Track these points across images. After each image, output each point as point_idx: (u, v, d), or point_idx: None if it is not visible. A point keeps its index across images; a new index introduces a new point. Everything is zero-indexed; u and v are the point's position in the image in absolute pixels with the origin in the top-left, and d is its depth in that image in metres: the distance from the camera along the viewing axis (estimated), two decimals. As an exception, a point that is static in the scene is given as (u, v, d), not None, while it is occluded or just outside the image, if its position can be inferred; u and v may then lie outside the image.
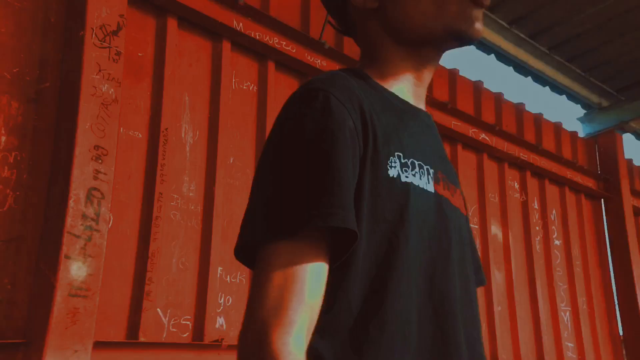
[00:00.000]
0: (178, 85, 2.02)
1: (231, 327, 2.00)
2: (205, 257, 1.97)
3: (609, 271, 3.85)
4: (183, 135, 2.01)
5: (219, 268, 2.00)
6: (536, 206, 3.41)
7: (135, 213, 1.83)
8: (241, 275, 2.07)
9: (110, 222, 1.73)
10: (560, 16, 3.22)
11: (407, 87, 0.73)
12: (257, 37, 2.17)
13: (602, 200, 3.99)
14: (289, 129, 0.59)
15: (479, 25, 0.69)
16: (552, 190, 3.57)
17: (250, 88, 2.23)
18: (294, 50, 2.29)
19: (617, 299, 3.79)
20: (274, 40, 2.22)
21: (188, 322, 1.86)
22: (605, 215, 3.99)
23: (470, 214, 0.74)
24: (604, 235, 3.92)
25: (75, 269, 1.51)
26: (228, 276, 2.04)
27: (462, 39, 0.69)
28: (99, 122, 1.67)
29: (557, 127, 3.81)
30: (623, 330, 3.74)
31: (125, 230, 1.79)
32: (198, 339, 1.88)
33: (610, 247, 3.90)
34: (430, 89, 2.91)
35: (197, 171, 2.02)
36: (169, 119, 1.96)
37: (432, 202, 0.65)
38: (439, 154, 0.73)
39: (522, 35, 3.39)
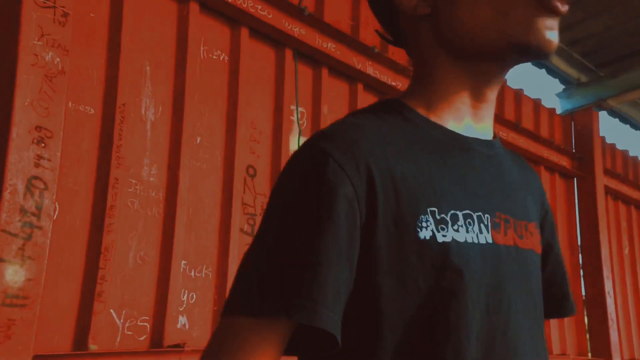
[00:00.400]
0: (138, 53, 1.76)
1: (194, 326, 1.84)
2: (167, 250, 1.77)
3: (578, 252, 3.86)
4: (143, 112, 1.77)
5: (183, 262, 1.81)
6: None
7: (86, 202, 1.60)
8: (207, 269, 1.89)
9: (56, 214, 1.51)
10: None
11: (463, 111, 0.62)
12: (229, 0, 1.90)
13: (575, 179, 3.97)
14: (276, 193, 0.55)
15: (553, 37, 0.56)
16: (528, 171, 3.48)
17: (221, 57, 1.98)
18: (271, 16, 2.04)
19: (584, 280, 3.82)
20: (248, 3, 1.96)
21: (146, 324, 1.68)
22: (577, 194, 3.97)
23: (557, 240, 0.65)
24: (575, 216, 3.91)
25: (11, 274, 1.30)
26: (192, 270, 1.85)
27: (531, 53, 0.57)
28: (42, 98, 1.42)
29: (537, 105, 3.71)
30: (587, 310, 3.79)
31: (74, 222, 1.57)
32: (157, 342, 1.71)
33: (580, 228, 3.91)
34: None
35: (159, 153, 1.80)
36: (127, 93, 1.71)
37: (488, 256, 0.57)
38: (502, 190, 0.62)
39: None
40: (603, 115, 4.46)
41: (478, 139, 0.62)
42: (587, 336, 3.74)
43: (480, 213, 0.57)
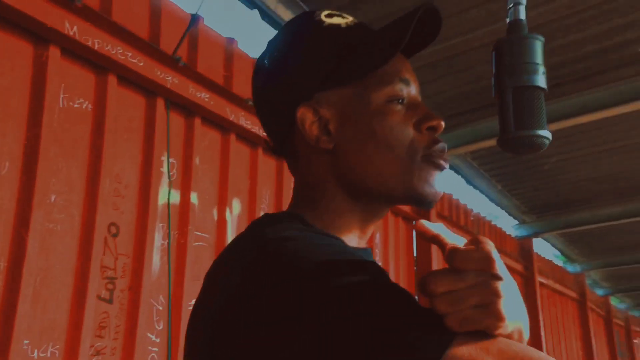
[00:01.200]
0: (-20, 99, 1.51)
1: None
2: (7, 327, 1.52)
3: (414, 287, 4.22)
4: (-16, 168, 1.52)
5: (25, 341, 1.57)
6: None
7: None
8: (53, 347, 1.66)
9: None
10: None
11: (351, 239, 0.65)
12: (96, 46, 1.74)
13: (414, 222, 4.36)
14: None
15: (438, 189, 0.62)
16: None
17: (84, 106, 1.79)
18: (142, 64, 1.91)
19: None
20: (117, 49, 1.82)
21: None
22: (415, 237, 4.35)
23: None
24: (413, 256, 4.28)
25: None
26: (35, 350, 1.61)
27: (423, 202, 0.62)
28: None
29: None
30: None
31: None
32: None
33: (417, 266, 4.28)
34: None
35: (4, 214, 1.55)
36: (-36, 145, 1.45)
37: None
38: None
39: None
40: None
41: (365, 249, 0.67)
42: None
43: None
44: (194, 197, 2.15)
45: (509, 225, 6.06)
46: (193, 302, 2.07)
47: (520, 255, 5.96)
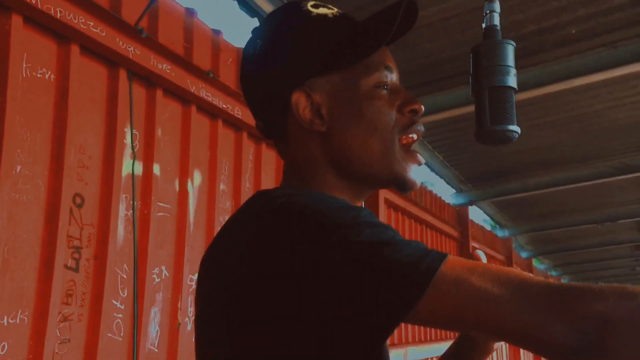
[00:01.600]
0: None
1: (9, 379, 1.63)
2: (-23, 297, 1.53)
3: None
4: (-52, 138, 1.49)
5: (-4, 309, 1.58)
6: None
7: None
8: (22, 314, 1.68)
9: None
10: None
11: None
12: (58, 15, 1.71)
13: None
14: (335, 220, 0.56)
15: (416, 180, 0.72)
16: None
17: (47, 76, 1.76)
18: (104, 34, 1.89)
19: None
20: (79, 19, 1.79)
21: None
22: (365, 204, 4.55)
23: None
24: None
25: None
26: (5, 317, 1.63)
27: (403, 187, 0.70)
28: None
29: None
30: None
31: None
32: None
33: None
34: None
35: (-31, 186, 1.53)
36: None
37: None
38: None
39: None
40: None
41: None
42: None
43: None
44: (156, 169, 2.17)
45: (447, 194, 6.41)
46: (156, 270, 2.12)
47: (457, 222, 6.33)
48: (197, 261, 2.38)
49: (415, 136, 0.72)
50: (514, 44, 0.81)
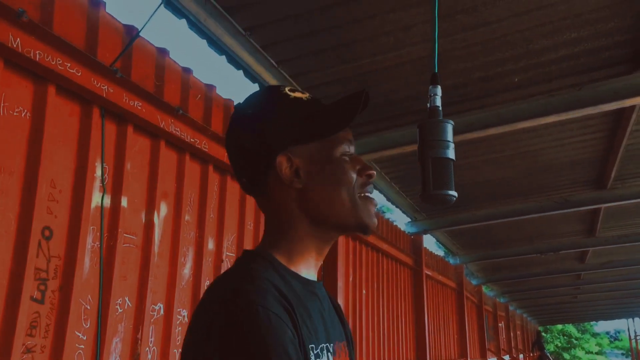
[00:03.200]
0: None
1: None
2: (-55, 329, 1.56)
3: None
4: None
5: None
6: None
7: None
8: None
9: None
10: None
11: (310, 263, 0.85)
12: (37, 57, 1.79)
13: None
14: (232, 344, 0.64)
15: (375, 220, 0.88)
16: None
17: (23, 114, 1.83)
18: (80, 74, 1.98)
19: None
20: (57, 60, 1.88)
21: None
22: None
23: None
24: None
25: None
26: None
27: (366, 230, 0.85)
28: None
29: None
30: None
31: None
32: None
33: (324, 268, 4.60)
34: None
35: (-57, 220, 1.58)
36: None
37: None
38: (331, 321, 0.85)
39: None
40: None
41: (316, 282, 0.85)
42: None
43: (327, 344, 0.78)
44: (124, 201, 2.25)
45: (402, 222, 6.65)
46: (120, 300, 2.19)
47: (411, 250, 6.55)
48: (160, 290, 2.45)
49: (370, 194, 0.89)
50: (453, 123, 0.98)
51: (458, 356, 8.40)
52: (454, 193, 0.91)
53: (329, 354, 0.78)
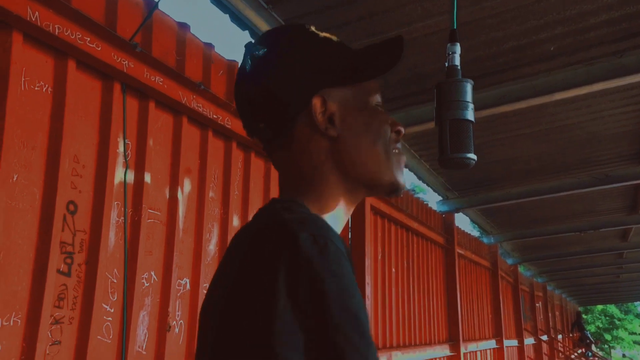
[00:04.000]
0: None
1: (-2, 379, 1.70)
2: (-26, 300, 1.60)
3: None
4: (-51, 149, 1.56)
5: (-8, 311, 1.65)
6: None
7: None
8: (15, 316, 1.75)
9: None
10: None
11: (339, 219, 0.76)
12: (57, 32, 1.79)
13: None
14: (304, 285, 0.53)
15: (405, 183, 0.80)
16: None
17: (45, 89, 1.84)
18: (100, 49, 1.97)
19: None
20: (77, 35, 1.87)
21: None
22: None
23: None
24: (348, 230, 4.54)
25: None
26: (0, 319, 1.70)
27: (398, 191, 0.77)
28: None
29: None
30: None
31: None
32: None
33: (350, 240, 4.55)
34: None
35: (-32, 194, 1.61)
36: None
37: None
38: None
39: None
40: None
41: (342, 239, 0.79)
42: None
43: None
44: (147, 177, 2.25)
45: (433, 201, 6.54)
46: (146, 275, 2.21)
47: (443, 229, 6.44)
48: (185, 266, 2.47)
49: (398, 151, 0.81)
50: (472, 82, 0.90)
51: (492, 336, 8.29)
52: (473, 156, 0.84)
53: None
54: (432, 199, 6.57)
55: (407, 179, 0.78)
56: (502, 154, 5.35)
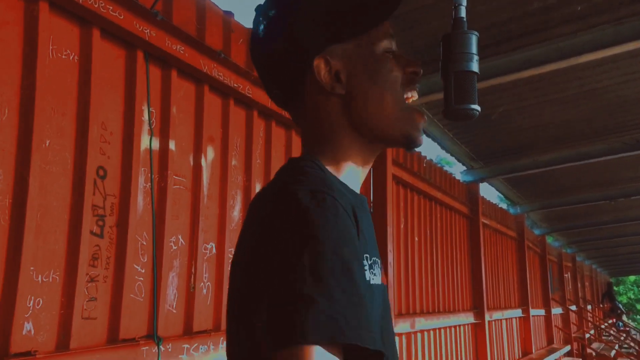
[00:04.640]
0: (-23, 51, 1.62)
1: (40, 331, 1.82)
2: (14, 256, 1.71)
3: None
4: (-14, 115, 1.65)
5: (31, 267, 1.77)
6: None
7: None
8: (54, 273, 1.87)
9: None
10: None
11: (357, 174, 0.77)
12: (80, 0, 1.85)
13: (371, 170, 4.59)
14: (310, 234, 0.56)
15: (421, 137, 0.79)
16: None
17: (71, 57, 1.91)
18: (122, 17, 2.03)
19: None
20: (100, 3, 1.93)
21: (-6, 334, 1.63)
22: (373, 180, 4.55)
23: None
24: (370, 197, 4.56)
25: None
26: (40, 275, 1.82)
27: (412, 144, 0.77)
28: None
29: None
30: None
31: None
32: (2, 350, 1.67)
33: (373, 208, 4.54)
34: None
35: (6, 157, 1.70)
36: (-33, 94, 1.58)
37: (383, 296, 0.70)
38: (375, 237, 0.77)
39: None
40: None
41: (363, 196, 0.77)
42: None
43: (377, 259, 0.71)
44: (172, 144, 2.33)
45: (457, 170, 6.50)
46: (173, 238, 2.29)
47: (467, 198, 6.42)
48: (210, 230, 2.56)
49: (415, 95, 0.79)
50: (477, 34, 0.92)
51: (519, 305, 8.30)
52: (476, 107, 0.86)
53: (379, 269, 0.71)
54: (458, 172, 6.52)
55: (431, 150, 0.75)
56: (528, 121, 5.26)
